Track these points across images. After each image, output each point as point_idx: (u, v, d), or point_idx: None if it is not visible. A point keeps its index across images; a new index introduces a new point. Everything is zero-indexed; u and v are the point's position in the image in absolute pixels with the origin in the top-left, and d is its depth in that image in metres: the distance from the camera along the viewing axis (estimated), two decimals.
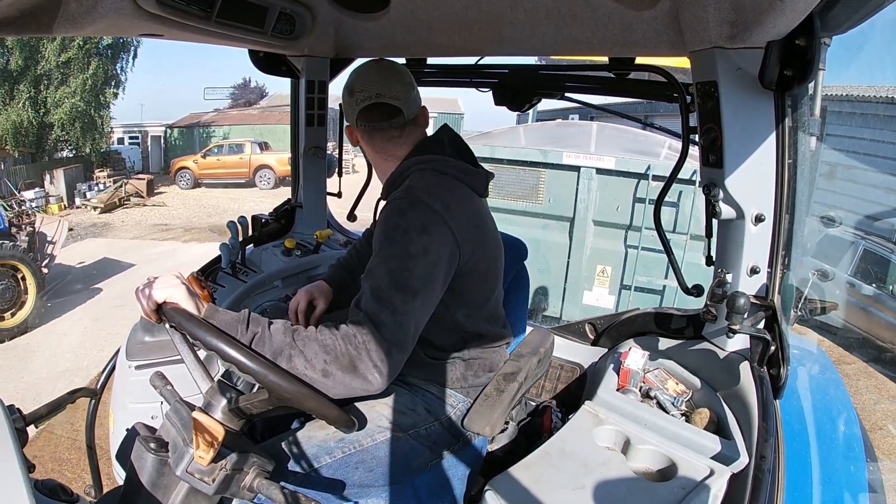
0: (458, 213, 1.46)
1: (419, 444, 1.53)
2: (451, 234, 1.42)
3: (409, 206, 1.42)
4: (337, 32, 2.32)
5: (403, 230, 1.37)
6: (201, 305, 1.24)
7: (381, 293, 1.29)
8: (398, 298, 1.29)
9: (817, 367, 2.26)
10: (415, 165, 1.55)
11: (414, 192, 1.45)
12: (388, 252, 1.35)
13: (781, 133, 1.50)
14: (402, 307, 1.29)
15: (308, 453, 1.40)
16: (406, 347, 1.30)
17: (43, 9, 1.24)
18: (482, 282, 1.59)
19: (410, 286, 1.31)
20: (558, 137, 6.56)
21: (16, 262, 8.01)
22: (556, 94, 2.39)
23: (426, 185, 1.49)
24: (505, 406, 1.57)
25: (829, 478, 1.58)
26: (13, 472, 1.04)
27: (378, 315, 1.26)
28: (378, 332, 1.24)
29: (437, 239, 1.39)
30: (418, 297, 1.33)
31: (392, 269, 1.32)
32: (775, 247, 1.60)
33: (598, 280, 6.31)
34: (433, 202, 1.43)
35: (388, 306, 1.28)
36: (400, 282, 1.31)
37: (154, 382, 1.40)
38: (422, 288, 1.34)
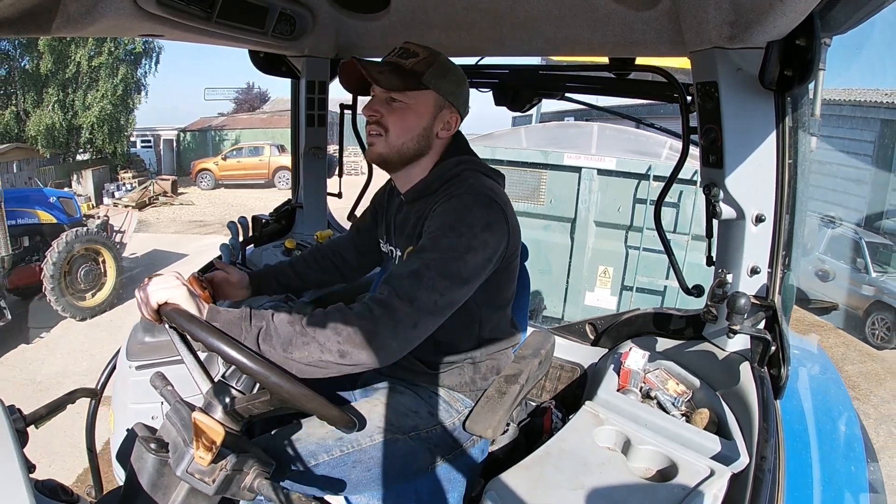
0: (512, 213, 1.48)
1: (419, 446, 1.53)
2: (507, 233, 1.43)
3: (478, 203, 1.41)
4: (337, 33, 2.32)
5: (470, 224, 1.37)
6: (202, 306, 1.24)
7: (427, 271, 1.29)
8: (444, 283, 1.29)
9: (818, 367, 2.26)
10: (461, 164, 1.54)
11: (481, 189, 1.45)
12: (450, 241, 1.34)
13: (781, 133, 1.49)
14: (444, 290, 1.29)
15: (306, 450, 1.39)
16: (429, 326, 1.29)
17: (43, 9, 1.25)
18: (511, 281, 1.62)
19: (462, 275, 1.32)
20: (559, 138, 6.56)
21: (99, 247, 8.74)
22: (556, 95, 2.39)
23: (487, 184, 1.49)
24: (507, 408, 1.57)
25: (829, 478, 1.58)
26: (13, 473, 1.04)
27: (415, 291, 1.26)
28: (410, 307, 1.24)
29: (497, 236, 1.40)
30: (465, 287, 1.34)
31: (448, 258, 1.32)
32: (776, 247, 1.60)
33: (600, 281, 6.31)
34: (500, 200, 1.44)
35: (429, 286, 1.28)
36: (452, 270, 1.31)
37: (154, 383, 1.41)
38: (470, 278, 1.35)
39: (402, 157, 1.52)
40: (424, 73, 1.46)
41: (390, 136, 1.49)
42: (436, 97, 1.49)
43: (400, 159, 1.53)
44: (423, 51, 1.49)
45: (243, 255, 2.55)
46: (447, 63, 1.52)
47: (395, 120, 1.49)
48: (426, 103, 1.49)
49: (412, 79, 1.46)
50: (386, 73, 1.46)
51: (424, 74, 1.46)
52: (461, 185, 1.47)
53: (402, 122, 1.49)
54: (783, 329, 1.57)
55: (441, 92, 1.49)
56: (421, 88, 1.47)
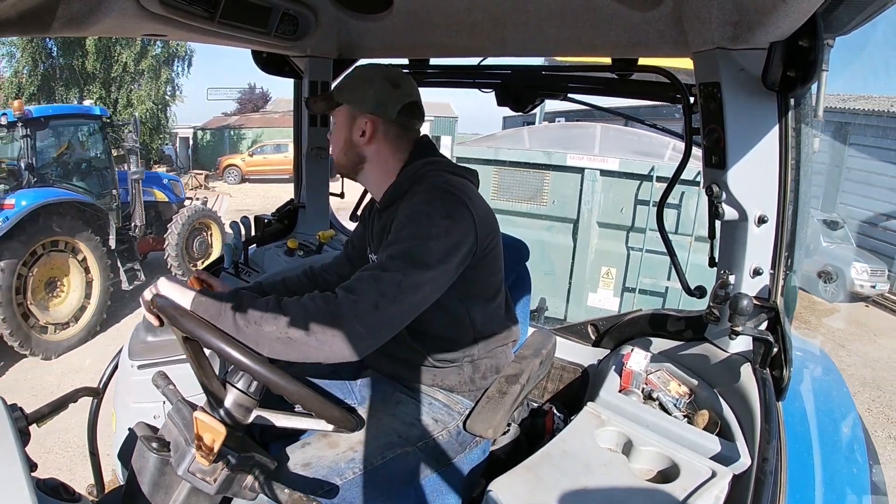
0: (478, 205, 1.49)
1: (427, 455, 1.53)
2: (473, 223, 1.44)
3: (437, 196, 1.45)
4: (339, 33, 2.32)
5: (428, 215, 1.40)
6: (188, 296, 1.27)
7: (391, 261, 1.32)
8: (406, 266, 1.31)
9: (820, 368, 2.25)
10: (427, 166, 1.56)
11: (438, 185, 1.49)
12: (410, 231, 1.37)
13: (784, 134, 1.49)
14: (407, 272, 1.31)
15: (318, 474, 1.38)
16: (398, 307, 1.29)
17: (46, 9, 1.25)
18: (495, 272, 1.61)
19: (423, 260, 1.33)
20: (562, 139, 6.57)
21: (209, 221, 9.76)
22: (558, 95, 2.39)
23: (447, 180, 1.52)
24: (507, 408, 1.57)
25: (831, 480, 1.57)
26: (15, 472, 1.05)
27: (381, 273, 1.29)
28: (372, 285, 1.27)
29: (460, 225, 1.41)
30: (429, 271, 1.34)
31: (410, 246, 1.34)
32: (778, 248, 1.59)
33: (603, 282, 6.31)
34: (459, 193, 1.46)
35: (392, 270, 1.30)
36: (414, 255, 1.33)
37: (156, 382, 1.41)
38: (433, 263, 1.35)
39: (345, 168, 1.65)
40: (340, 91, 1.61)
41: (332, 153, 1.67)
42: (347, 109, 1.59)
43: (346, 171, 1.66)
44: (355, 71, 1.66)
45: (246, 254, 2.55)
46: (362, 73, 1.63)
47: (331, 139, 1.66)
48: (342, 118, 1.60)
49: (329, 100, 1.62)
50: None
51: (338, 93, 1.60)
52: (423, 184, 1.51)
53: (333, 140, 1.65)
54: (785, 330, 1.57)
55: (351, 103, 1.58)
56: (336, 106, 1.60)
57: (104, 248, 7.51)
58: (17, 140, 7.27)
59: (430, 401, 1.63)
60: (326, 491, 1.37)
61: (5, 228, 6.18)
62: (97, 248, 7.37)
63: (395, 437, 1.51)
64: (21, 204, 6.42)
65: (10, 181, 7.14)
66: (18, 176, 7.15)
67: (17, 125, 6.99)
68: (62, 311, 7.08)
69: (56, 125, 7.70)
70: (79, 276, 7.28)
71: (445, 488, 1.55)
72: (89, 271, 7.37)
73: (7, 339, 6.28)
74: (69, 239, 7.03)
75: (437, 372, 1.63)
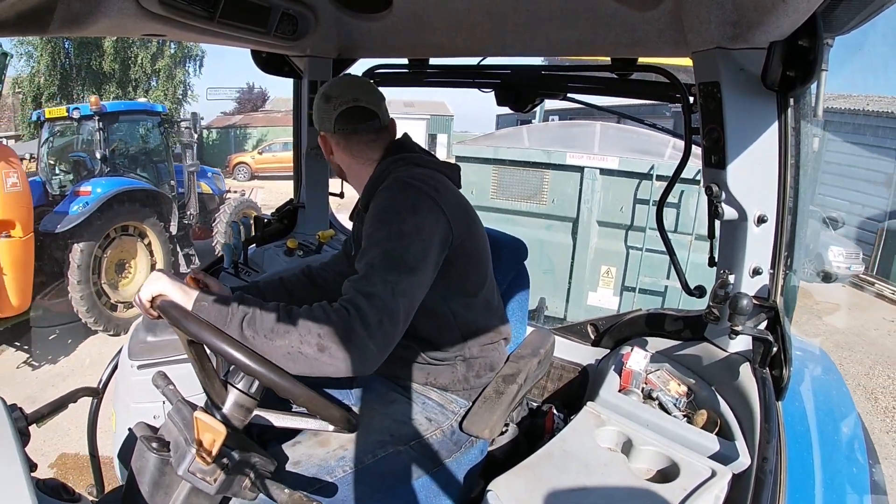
0: (446, 195, 1.48)
1: (420, 454, 1.53)
2: (442, 213, 1.42)
3: (398, 191, 1.44)
4: (339, 33, 2.32)
5: (395, 212, 1.38)
6: (190, 296, 1.25)
7: (373, 270, 1.29)
8: (392, 274, 1.28)
9: (820, 368, 2.25)
10: (394, 163, 1.56)
11: (401, 179, 1.48)
12: (382, 234, 1.35)
13: (784, 134, 1.49)
14: (395, 280, 1.28)
15: (308, 472, 1.38)
16: (397, 320, 1.27)
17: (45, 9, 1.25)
18: (475, 265, 1.59)
19: (405, 263, 1.31)
20: (562, 138, 6.56)
21: (251, 211, 9.60)
22: (558, 95, 2.39)
23: (412, 173, 1.51)
24: (504, 408, 1.57)
25: (831, 479, 1.57)
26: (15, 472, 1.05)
27: (370, 288, 1.25)
28: (370, 303, 1.22)
29: (429, 218, 1.40)
30: (414, 274, 1.32)
31: (386, 249, 1.32)
32: (778, 248, 1.59)
33: (603, 281, 6.31)
34: (421, 185, 1.45)
35: (380, 280, 1.27)
36: (394, 259, 1.30)
37: (156, 382, 1.41)
38: (417, 265, 1.33)
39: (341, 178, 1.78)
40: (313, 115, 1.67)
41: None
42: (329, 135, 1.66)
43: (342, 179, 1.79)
44: None
45: (245, 254, 2.55)
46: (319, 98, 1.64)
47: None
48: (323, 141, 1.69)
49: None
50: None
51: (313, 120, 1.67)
52: (386, 182, 1.52)
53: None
54: (785, 330, 1.57)
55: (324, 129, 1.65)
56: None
57: (167, 234, 8.15)
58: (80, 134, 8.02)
59: (424, 400, 1.63)
60: (317, 489, 1.37)
61: (87, 213, 6.77)
62: (161, 234, 8.02)
63: (388, 436, 1.50)
64: (97, 191, 7.04)
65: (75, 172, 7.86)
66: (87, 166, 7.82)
67: (93, 118, 7.66)
68: (129, 290, 7.63)
69: (124, 120, 8.41)
70: (144, 258, 7.95)
71: (441, 488, 1.55)
72: (153, 255, 8.02)
73: (83, 316, 6.84)
74: (138, 224, 7.72)
75: (430, 370, 1.63)
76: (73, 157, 8.04)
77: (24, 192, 6.30)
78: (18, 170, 6.23)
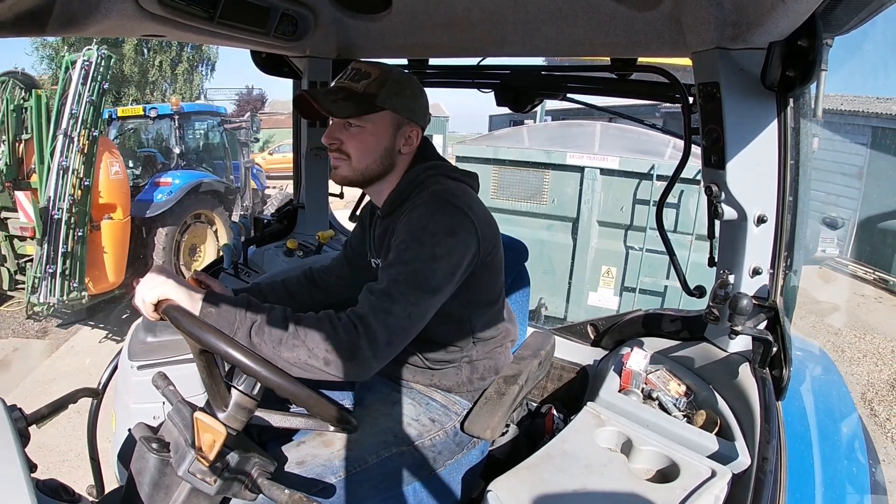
0: (478, 212, 1.46)
1: (423, 455, 1.53)
2: (475, 233, 1.42)
3: (437, 210, 1.40)
4: (339, 33, 2.32)
5: (431, 232, 1.36)
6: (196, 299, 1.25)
7: (396, 287, 1.29)
8: (415, 295, 1.29)
9: (820, 368, 2.25)
10: (428, 171, 1.53)
11: (440, 194, 1.44)
12: (414, 253, 1.33)
13: (783, 134, 1.49)
14: (416, 301, 1.29)
15: (312, 473, 1.38)
16: (406, 338, 1.30)
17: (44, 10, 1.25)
18: (496, 277, 1.60)
19: (431, 285, 1.32)
20: (562, 138, 6.55)
21: None
22: (557, 95, 2.39)
23: (448, 188, 1.48)
24: (505, 409, 1.57)
25: (831, 479, 1.57)
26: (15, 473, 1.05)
27: (389, 305, 1.26)
28: (384, 324, 1.24)
29: (462, 240, 1.39)
30: (436, 295, 1.34)
31: (415, 270, 1.31)
32: (777, 248, 1.59)
33: (604, 281, 6.30)
34: (460, 203, 1.43)
35: (401, 300, 1.28)
36: (420, 281, 1.31)
37: (156, 383, 1.41)
38: (441, 287, 1.34)
39: (368, 177, 1.52)
40: (378, 94, 1.44)
41: (353, 161, 1.49)
42: (393, 116, 1.48)
43: (365, 180, 1.53)
44: (375, 69, 1.46)
45: (245, 255, 2.55)
46: (401, 78, 1.50)
47: (355, 145, 1.47)
48: (384, 124, 1.47)
49: (366, 102, 1.44)
50: (339, 102, 1.44)
51: (378, 96, 1.44)
52: (423, 194, 1.47)
53: (362, 146, 1.48)
54: (785, 330, 1.56)
55: (398, 110, 1.47)
56: (376, 110, 1.45)
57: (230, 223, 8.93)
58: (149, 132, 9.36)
59: (428, 401, 1.63)
60: (321, 489, 1.37)
61: (172, 200, 7.88)
62: (226, 222, 8.97)
63: (391, 437, 1.51)
64: (176, 182, 8.13)
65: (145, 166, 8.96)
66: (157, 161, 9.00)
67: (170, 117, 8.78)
68: None
69: (195, 119, 9.54)
70: (212, 244, 8.91)
71: (443, 489, 1.55)
72: (219, 240, 8.96)
73: None
74: (208, 212, 8.77)
75: (434, 373, 1.63)
76: (142, 153, 9.22)
77: (124, 180, 7.20)
78: (118, 160, 7.09)
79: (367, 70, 1.46)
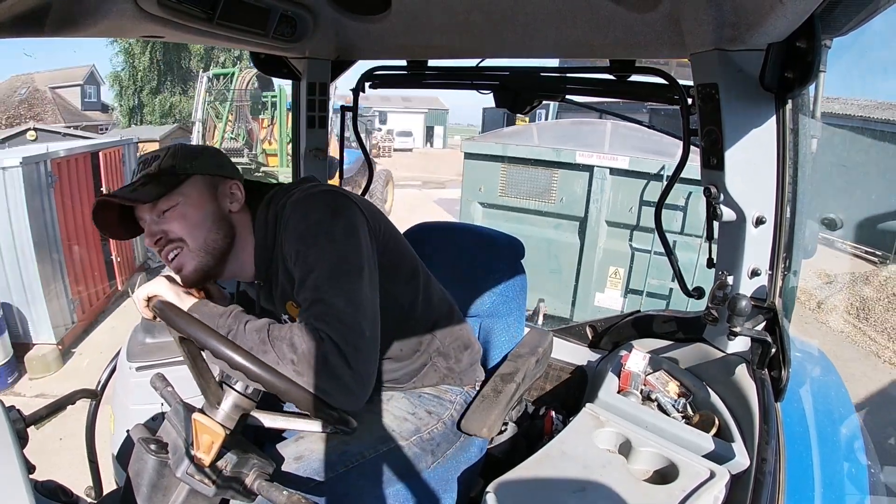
0: (347, 191, 1.43)
1: (421, 449, 1.53)
2: (357, 208, 1.37)
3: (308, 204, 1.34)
4: (338, 35, 2.32)
5: (316, 223, 1.30)
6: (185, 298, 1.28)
7: (323, 291, 1.22)
8: (344, 283, 1.24)
9: (819, 369, 2.25)
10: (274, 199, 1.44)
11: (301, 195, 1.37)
12: (315, 253, 1.27)
13: (782, 135, 1.49)
14: (350, 287, 1.24)
15: (310, 468, 1.37)
16: (366, 333, 1.23)
17: (43, 10, 1.24)
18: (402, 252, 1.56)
19: (351, 266, 1.27)
20: (572, 136, 6.51)
21: None
22: (557, 96, 2.39)
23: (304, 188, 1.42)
24: (502, 407, 1.57)
25: (830, 480, 1.57)
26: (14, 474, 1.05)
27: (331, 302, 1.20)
28: (338, 320, 1.18)
29: (350, 217, 1.34)
30: (363, 274, 1.27)
31: (328, 264, 1.25)
32: (776, 249, 1.59)
33: (611, 282, 6.24)
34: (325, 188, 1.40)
35: (337, 292, 1.22)
36: (340, 268, 1.25)
37: (155, 384, 1.41)
38: (362, 263, 1.29)
39: (218, 254, 1.40)
40: (175, 164, 1.36)
41: (190, 244, 1.36)
42: (202, 178, 1.39)
43: (218, 261, 1.40)
44: (161, 150, 1.40)
45: None
46: (191, 146, 1.44)
47: (180, 226, 1.35)
48: (196, 191, 1.38)
49: (168, 176, 1.35)
50: (140, 188, 1.32)
51: (176, 166, 1.36)
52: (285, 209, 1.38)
53: (188, 223, 1.35)
54: (784, 331, 1.57)
55: (203, 171, 1.39)
56: (182, 181, 1.36)
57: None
58: None
59: (420, 394, 1.64)
60: (319, 484, 1.36)
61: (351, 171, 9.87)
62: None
63: (389, 432, 1.51)
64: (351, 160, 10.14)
65: None
66: None
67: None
68: None
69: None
70: None
71: (442, 485, 1.55)
72: None
73: None
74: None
75: (415, 378, 1.64)
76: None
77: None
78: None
79: (154, 154, 1.39)
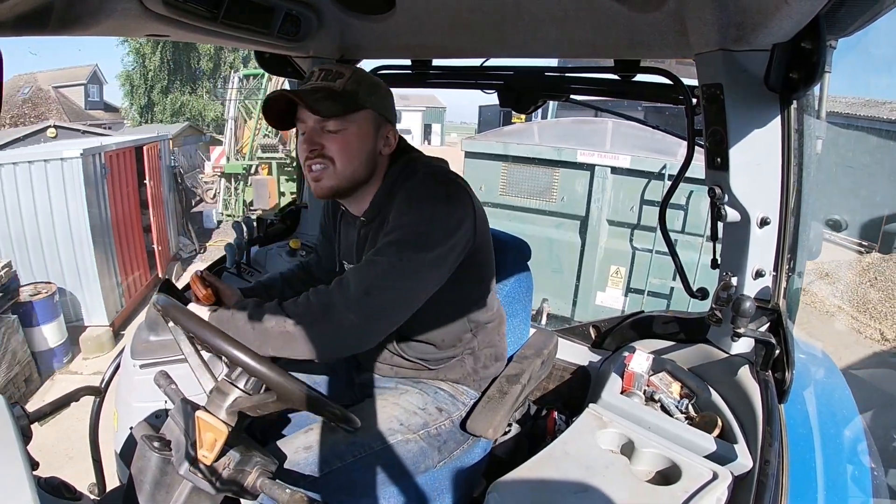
0: (472, 192, 1.47)
1: (428, 445, 1.53)
2: (472, 208, 1.42)
3: (434, 180, 1.41)
4: (342, 34, 2.32)
5: (428, 199, 1.36)
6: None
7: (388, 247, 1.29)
8: (407, 251, 1.28)
9: (822, 371, 2.24)
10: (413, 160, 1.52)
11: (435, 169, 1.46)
12: (409, 218, 1.33)
13: (787, 136, 1.49)
14: (407, 257, 1.27)
15: (319, 458, 1.38)
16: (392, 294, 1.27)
17: (48, 10, 1.25)
18: (489, 263, 1.61)
19: (423, 244, 1.30)
20: (573, 135, 6.46)
21: None
22: (561, 96, 2.39)
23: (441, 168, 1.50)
24: (508, 408, 1.57)
25: (833, 483, 1.57)
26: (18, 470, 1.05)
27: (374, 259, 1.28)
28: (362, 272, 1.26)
29: (459, 208, 1.38)
30: (428, 254, 1.30)
31: (409, 232, 1.30)
32: (781, 250, 1.59)
33: (612, 281, 6.21)
34: (456, 178, 1.45)
35: (388, 254, 1.27)
36: (414, 240, 1.30)
37: (158, 381, 1.42)
38: (434, 247, 1.31)
39: (354, 184, 1.46)
40: (358, 92, 1.39)
41: (338, 167, 1.41)
42: (374, 115, 1.43)
43: (352, 187, 1.46)
44: (347, 69, 1.42)
45: (248, 255, 2.55)
46: (373, 78, 1.48)
47: (339, 148, 1.40)
48: (367, 125, 1.42)
49: (349, 101, 1.38)
50: (322, 101, 1.36)
51: (359, 94, 1.39)
52: (415, 176, 1.44)
53: (348, 150, 1.40)
54: (788, 333, 1.56)
55: (377, 109, 1.43)
56: (358, 109, 1.40)
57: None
58: None
59: (436, 390, 1.64)
60: (325, 473, 1.37)
61: None
62: None
63: (397, 424, 1.51)
64: None
65: None
66: None
67: None
68: None
69: None
70: None
71: (446, 483, 1.55)
72: None
73: None
74: None
75: (440, 369, 1.64)
76: None
77: None
78: None
79: (338, 70, 1.41)
